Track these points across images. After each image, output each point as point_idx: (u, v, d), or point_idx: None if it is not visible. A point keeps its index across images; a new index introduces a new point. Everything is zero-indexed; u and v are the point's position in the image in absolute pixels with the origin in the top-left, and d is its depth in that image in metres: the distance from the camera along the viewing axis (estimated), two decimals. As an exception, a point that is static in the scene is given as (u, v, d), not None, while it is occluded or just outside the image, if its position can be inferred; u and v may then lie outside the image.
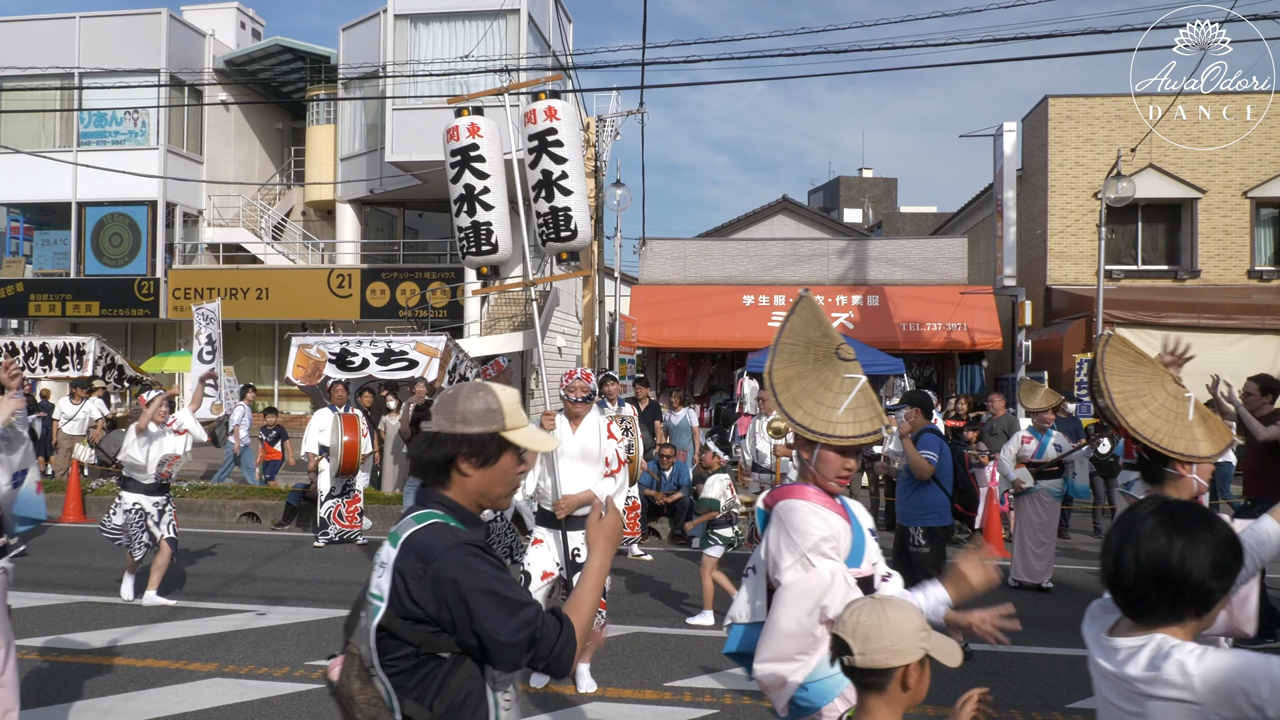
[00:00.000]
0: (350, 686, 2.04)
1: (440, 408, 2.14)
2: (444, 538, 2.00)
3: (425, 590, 1.95)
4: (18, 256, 22.92)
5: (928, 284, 20.07)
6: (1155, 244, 20.10)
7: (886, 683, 2.11)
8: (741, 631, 2.98)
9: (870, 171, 52.38)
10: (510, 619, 1.94)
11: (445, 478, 2.13)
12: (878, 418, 2.95)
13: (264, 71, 23.12)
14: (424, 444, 2.13)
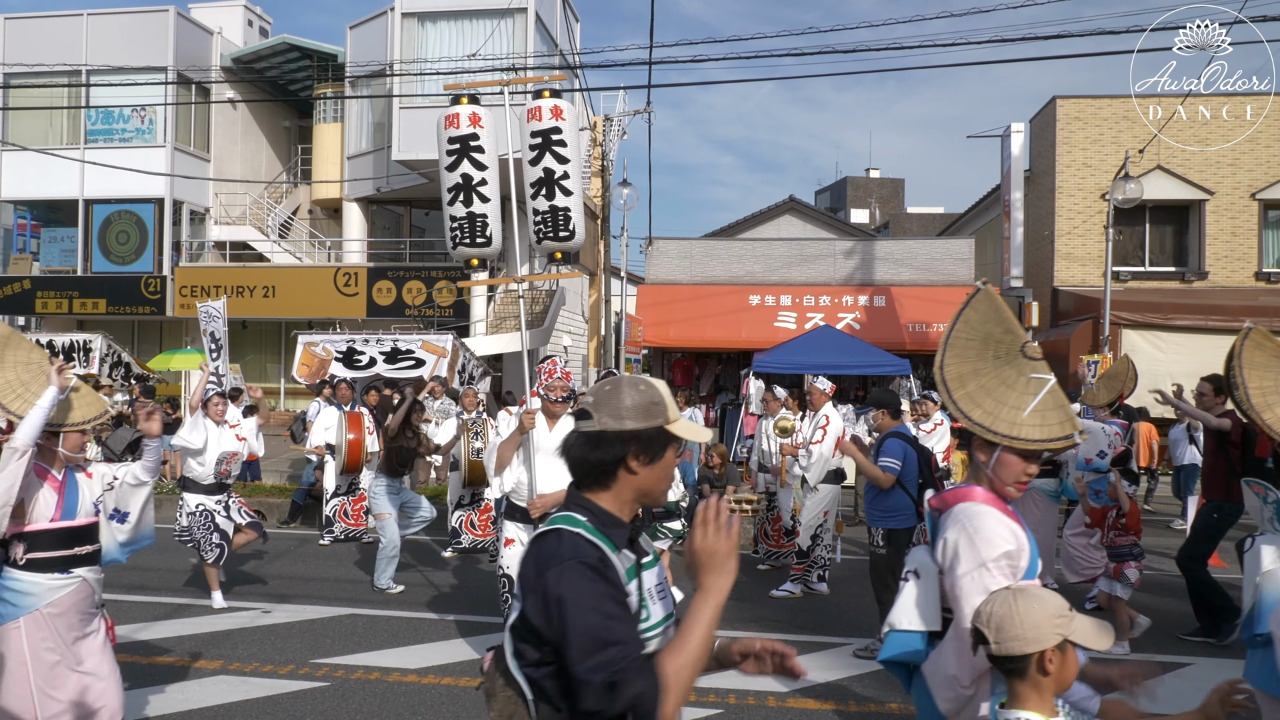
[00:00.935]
0: (493, 683, 2.01)
1: (601, 405, 2.03)
2: (564, 548, 1.91)
3: (534, 601, 1.90)
4: (25, 254, 22.97)
5: (934, 285, 20.03)
6: (1163, 245, 20.03)
7: (1026, 668, 2.22)
8: (904, 639, 2.82)
9: (877, 172, 52.32)
10: (593, 655, 1.80)
11: (610, 478, 2.03)
12: (1069, 422, 2.79)
13: (271, 70, 23.15)
14: (588, 445, 2.02)
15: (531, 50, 18.20)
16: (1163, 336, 16.96)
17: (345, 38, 20.97)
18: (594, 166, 23.76)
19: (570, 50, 20.93)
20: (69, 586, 4.02)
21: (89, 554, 4.15)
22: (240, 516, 7.83)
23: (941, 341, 3.03)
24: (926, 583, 2.81)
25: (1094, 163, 19.45)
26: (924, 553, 2.87)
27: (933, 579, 2.80)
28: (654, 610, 2.03)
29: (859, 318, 19.37)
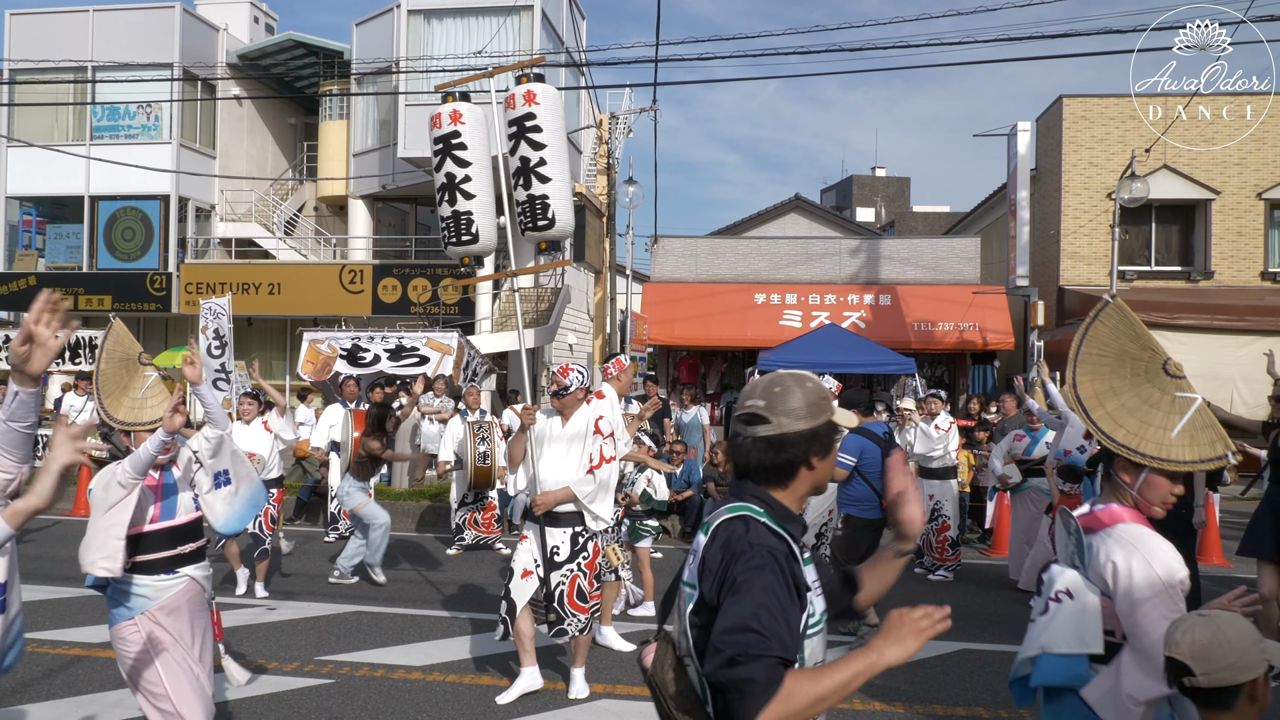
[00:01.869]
0: (664, 676, 2.01)
1: (776, 408, 2.03)
2: (751, 535, 1.93)
3: (716, 584, 1.92)
4: (30, 250, 23.02)
5: (940, 283, 20.00)
6: (1169, 245, 19.98)
7: (1234, 700, 2.08)
8: (1064, 663, 2.74)
9: (883, 171, 52.23)
10: (735, 632, 1.82)
11: (790, 477, 2.05)
12: (1221, 441, 2.75)
13: (277, 66, 23.17)
14: (769, 449, 2.02)
15: (537, 47, 18.18)
16: (1168, 336, 16.90)
17: (351, 34, 20.97)
18: (600, 164, 23.75)
19: (576, 48, 20.91)
20: (177, 586, 4.07)
21: (193, 552, 4.18)
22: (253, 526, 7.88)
23: (1070, 357, 2.98)
24: (1083, 604, 2.75)
25: (1100, 162, 19.40)
26: (1074, 573, 2.81)
27: (1089, 601, 2.74)
28: (817, 605, 2.05)
29: (864, 316, 19.36)
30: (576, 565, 5.43)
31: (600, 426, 5.56)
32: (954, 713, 5.48)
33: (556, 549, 5.42)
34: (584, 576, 5.44)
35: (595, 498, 5.45)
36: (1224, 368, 16.49)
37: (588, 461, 5.47)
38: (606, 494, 5.51)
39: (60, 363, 16.57)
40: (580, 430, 5.53)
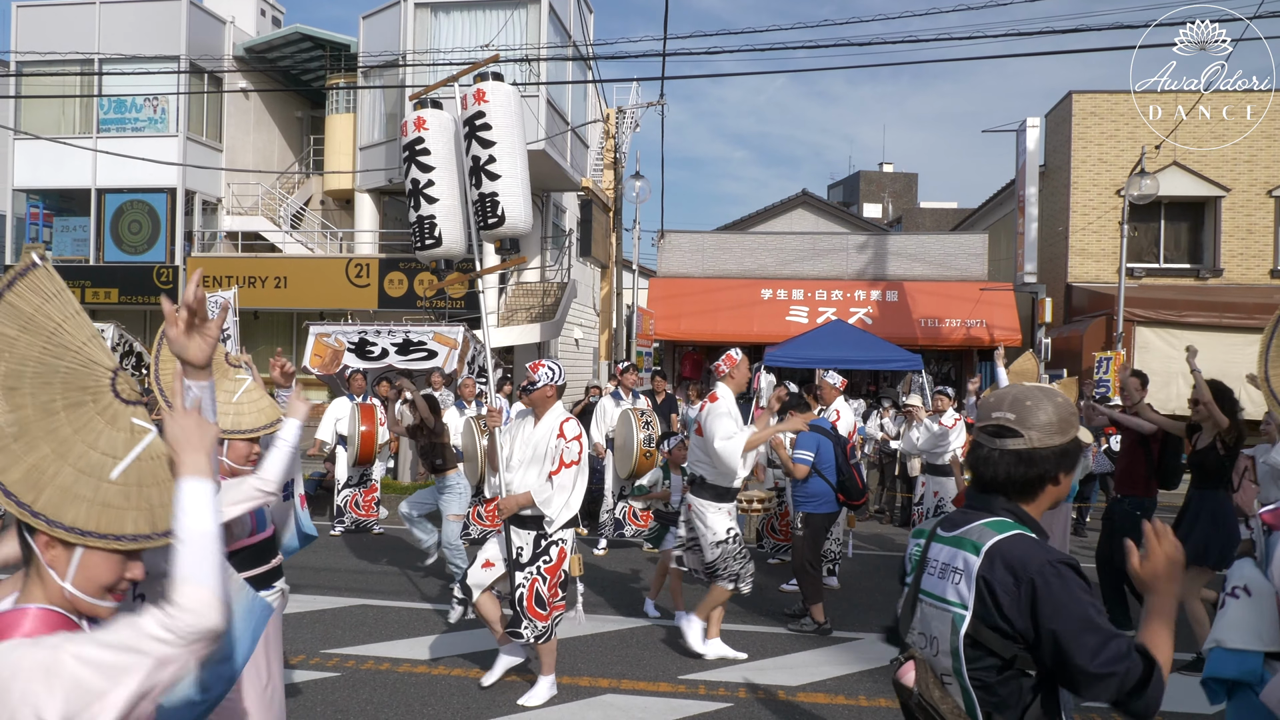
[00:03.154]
0: (931, 695, 2.01)
1: (1028, 422, 2.03)
2: (1035, 552, 1.94)
3: (1017, 606, 1.91)
4: (37, 243, 23.04)
5: (947, 280, 19.95)
6: (1178, 242, 19.90)
7: None
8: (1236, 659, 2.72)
9: (891, 166, 52.11)
10: (1102, 650, 1.86)
11: (1037, 492, 2.06)
12: None
13: (284, 59, 23.15)
14: (1020, 463, 2.03)
15: (545, 41, 18.14)
16: (1176, 334, 16.85)
17: (358, 28, 20.94)
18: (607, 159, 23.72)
19: (584, 41, 20.87)
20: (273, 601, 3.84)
21: (279, 565, 4.01)
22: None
23: (1260, 353, 2.91)
24: (1260, 601, 2.73)
25: (1109, 158, 19.32)
26: (1252, 568, 2.79)
27: (1268, 598, 2.71)
28: None
29: (871, 312, 19.32)
30: (536, 569, 5.29)
31: (565, 430, 5.36)
32: (961, 710, 5.45)
33: (521, 550, 5.33)
34: (543, 582, 5.28)
35: (552, 502, 5.28)
36: (1231, 366, 16.36)
37: (550, 465, 5.32)
38: (564, 498, 5.32)
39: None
40: (545, 433, 5.38)
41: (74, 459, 1.64)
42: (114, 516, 1.60)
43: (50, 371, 1.71)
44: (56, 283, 1.79)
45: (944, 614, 2.01)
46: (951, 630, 1.99)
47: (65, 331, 1.76)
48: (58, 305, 1.78)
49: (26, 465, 1.60)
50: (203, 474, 1.58)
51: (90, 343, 1.79)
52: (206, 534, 1.52)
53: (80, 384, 1.73)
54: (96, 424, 1.70)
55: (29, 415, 1.65)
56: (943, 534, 2.09)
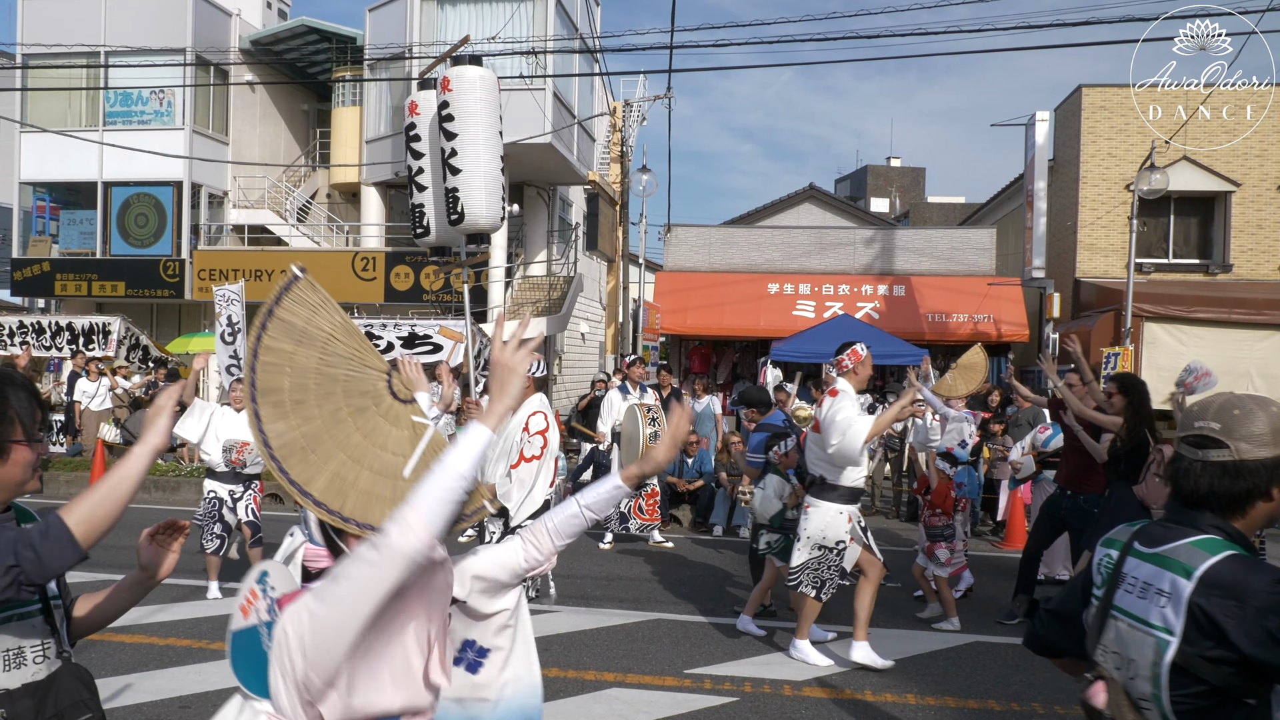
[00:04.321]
0: (1125, 717, 1.96)
1: (1235, 432, 1.93)
2: (1258, 573, 1.85)
3: (1244, 631, 1.81)
4: (44, 236, 23.07)
5: (955, 274, 19.88)
6: (1187, 237, 19.80)
7: None
8: None
9: (898, 161, 52.00)
10: None
11: (1247, 507, 1.96)
12: None
13: (290, 52, 23.13)
14: (1225, 476, 1.93)
15: (551, 34, 18.09)
16: (1185, 330, 16.76)
17: (364, 20, 20.92)
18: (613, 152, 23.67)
19: (590, 34, 20.81)
20: None
21: None
22: (246, 514, 7.52)
23: None
24: None
25: (1119, 153, 19.21)
26: None
27: None
28: None
29: (878, 307, 19.25)
30: None
31: (530, 424, 5.32)
32: (966, 705, 5.43)
33: (494, 535, 5.44)
34: None
35: (510, 496, 5.25)
36: (1240, 362, 16.33)
37: (511, 459, 5.30)
38: (524, 493, 5.27)
39: (75, 349, 16.60)
40: (515, 426, 5.35)
41: (369, 463, 1.72)
42: None
43: (330, 381, 1.78)
44: (320, 293, 1.85)
45: (1145, 638, 1.92)
46: (1155, 656, 1.90)
47: (337, 340, 1.83)
48: (325, 315, 1.84)
49: (328, 474, 1.70)
50: (489, 422, 1.67)
51: (362, 348, 1.85)
52: (456, 472, 1.58)
53: (361, 389, 1.80)
54: (382, 426, 1.77)
55: (319, 426, 1.73)
56: (1142, 549, 2.00)
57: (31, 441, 2.05)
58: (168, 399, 2.06)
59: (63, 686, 2.07)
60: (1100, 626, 2.04)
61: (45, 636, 2.06)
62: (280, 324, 1.79)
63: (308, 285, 1.83)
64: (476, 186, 6.05)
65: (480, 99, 6.08)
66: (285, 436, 1.72)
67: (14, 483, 2.04)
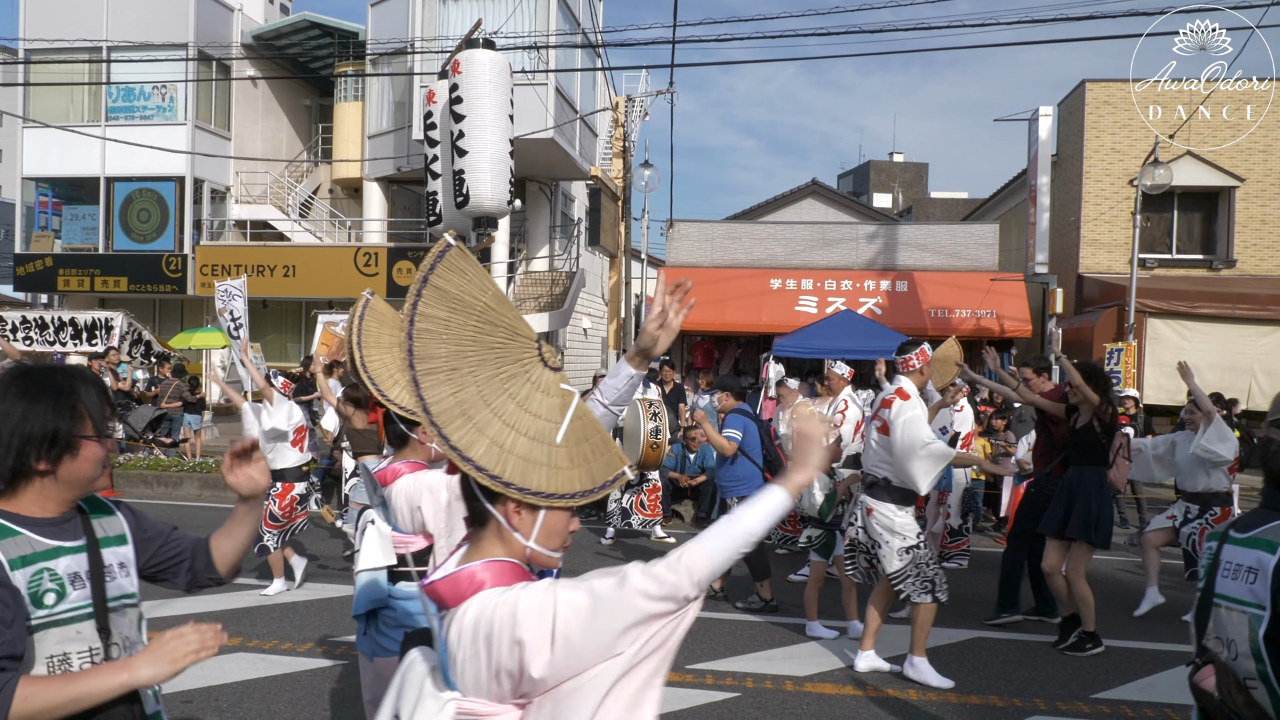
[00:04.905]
0: (1234, 700, 1.99)
1: None
2: None
3: None
4: (47, 231, 23.09)
5: (958, 270, 19.83)
6: (1191, 233, 19.76)
7: None
8: None
9: (901, 156, 51.89)
10: None
11: None
12: None
13: (292, 47, 23.12)
14: None
15: (553, 29, 18.06)
16: (1188, 325, 16.74)
17: (366, 15, 20.90)
18: (616, 147, 23.64)
19: (592, 29, 20.77)
20: None
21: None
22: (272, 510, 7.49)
23: None
24: None
25: (1122, 148, 19.16)
26: None
27: None
28: None
29: (881, 303, 19.22)
30: None
31: None
32: (968, 701, 5.43)
33: None
34: None
35: None
36: (1243, 358, 16.31)
37: None
38: None
39: (76, 343, 16.62)
40: None
41: (524, 428, 1.75)
42: (565, 478, 1.73)
43: (485, 349, 1.82)
44: (471, 261, 1.87)
45: (1240, 616, 1.99)
46: (1250, 632, 1.96)
47: (491, 308, 1.85)
48: (478, 283, 1.86)
49: (487, 440, 1.73)
50: (789, 489, 1.71)
51: (512, 316, 1.88)
52: (751, 532, 1.65)
53: (514, 357, 1.84)
54: (535, 394, 1.80)
55: (474, 393, 1.77)
56: (1236, 535, 2.05)
57: (101, 438, 2.04)
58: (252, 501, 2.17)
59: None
60: (1205, 615, 2.12)
61: (94, 642, 2.02)
62: (435, 292, 1.82)
63: (459, 254, 1.86)
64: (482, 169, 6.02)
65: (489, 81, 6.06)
66: (444, 403, 1.75)
67: (84, 479, 2.02)
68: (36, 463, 1.95)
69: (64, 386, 2.00)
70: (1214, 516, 7.09)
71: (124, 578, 2.12)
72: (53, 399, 1.97)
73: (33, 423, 1.94)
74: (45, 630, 1.92)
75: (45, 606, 1.91)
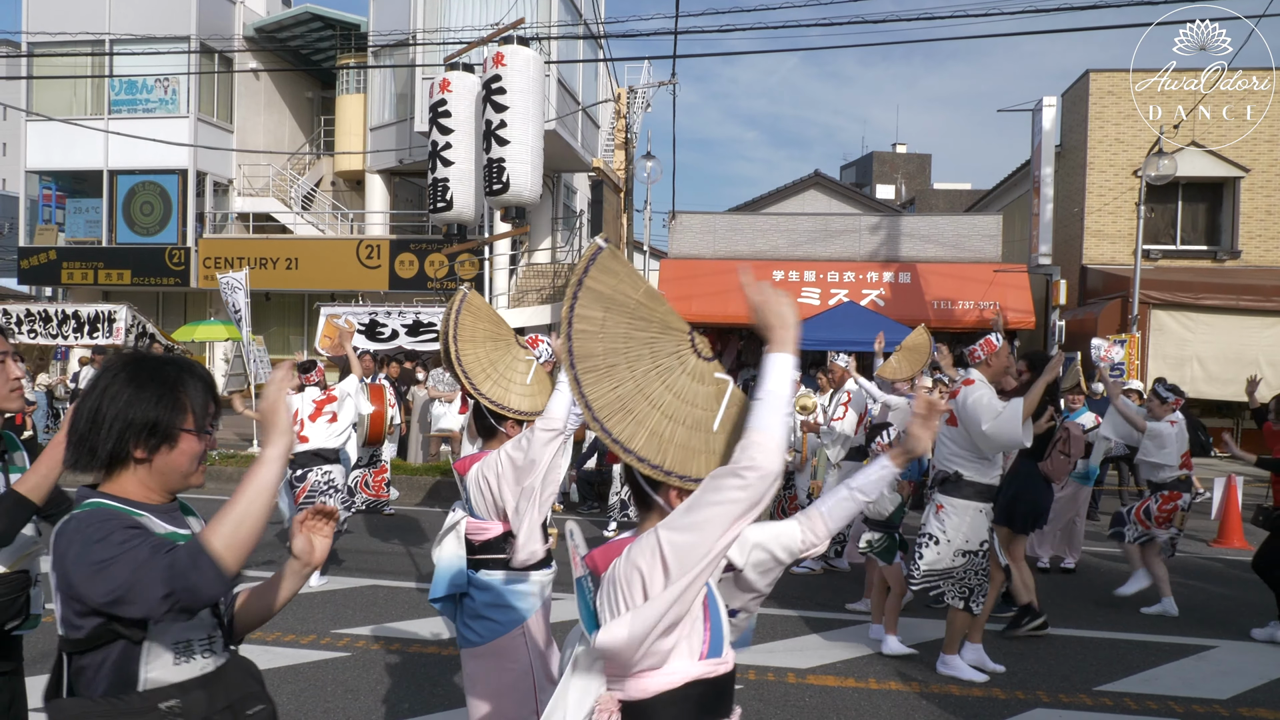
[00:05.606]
0: None
1: None
2: None
3: None
4: (50, 225, 23.11)
5: (961, 261, 19.78)
6: (1195, 224, 19.69)
7: None
8: None
9: (904, 147, 51.73)
10: None
11: None
12: None
13: (294, 39, 23.08)
14: None
15: (555, 19, 18.01)
16: (1192, 317, 16.70)
17: (368, 7, 20.86)
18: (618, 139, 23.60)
19: (595, 19, 20.71)
20: (553, 575, 3.72)
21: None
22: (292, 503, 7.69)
23: None
24: None
25: (1126, 138, 19.09)
26: None
27: None
28: None
29: (884, 294, 19.18)
30: None
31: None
32: (970, 694, 5.44)
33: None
34: None
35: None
36: (1248, 349, 16.27)
37: None
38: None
39: (80, 336, 16.64)
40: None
41: (682, 419, 1.86)
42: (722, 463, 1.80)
43: (639, 344, 1.92)
44: (622, 262, 1.97)
45: None
46: None
47: (643, 304, 1.95)
48: (629, 282, 1.96)
49: (647, 431, 1.83)
50: (787, 349, 1.79)
51: (665, 311, 1.97)
52: (779, 395, 1.74)
53: (668, 350, 1.93)
54: (689, 384, 1.90)
55: (632, 388, 1.87)
56: None
57: (201, 433, 2.05)
58: (278, 390, 1.97)
59: (231, 679, 2.04)
60: None
61: (212, 630, 2.03)
62: (590, 293, 1.92)
63: (611, 256, 1.96)
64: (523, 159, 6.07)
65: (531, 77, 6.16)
66: (605, 398, 1.84)
67: (180, 473, 2.03)
68: (135, 449, 1.96)
69: (171, 378, 2.01)
70: (1164, 496, 7.26)
71: None
72: (158, 389, 1.98)
73: (135, 410, 1.95)
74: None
75: None
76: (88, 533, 1.82)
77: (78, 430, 1.97)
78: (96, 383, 1.99)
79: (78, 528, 1.85)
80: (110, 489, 1.98)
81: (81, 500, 1.96)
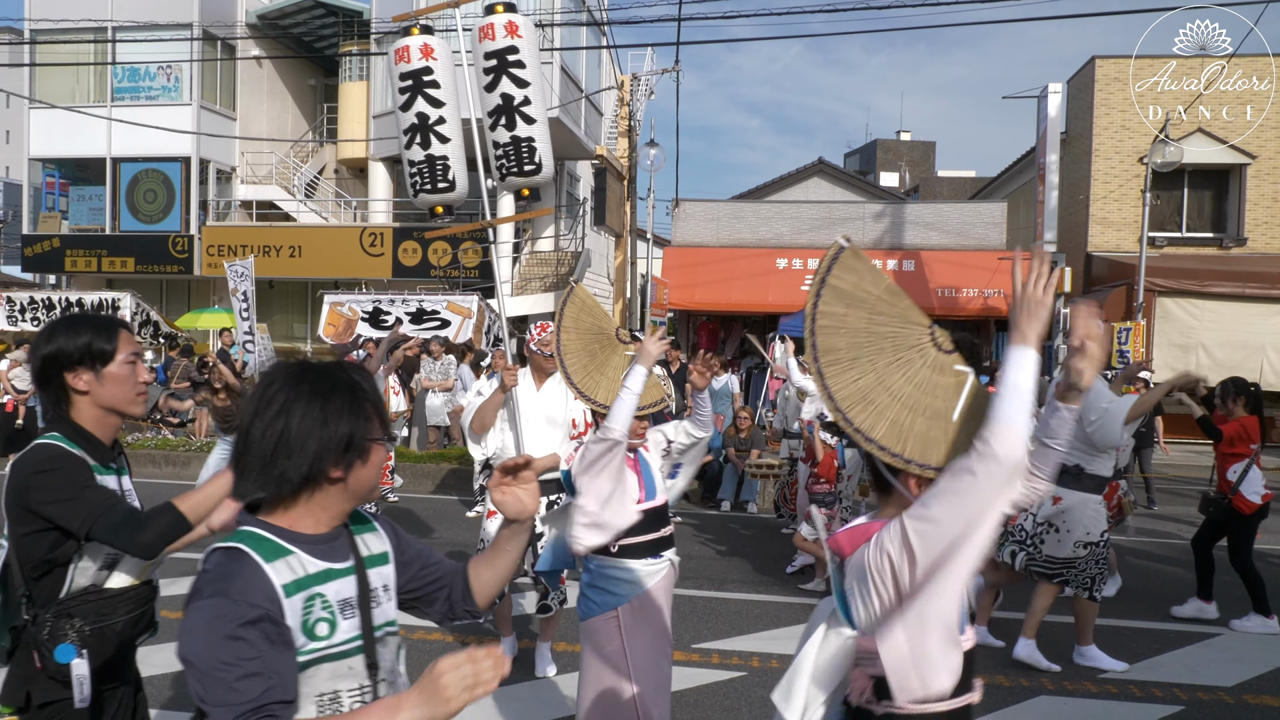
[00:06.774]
0: None
1: None
2: None
3: None
4: (54, 212, 23.11)
5: (965, 249, 19.74)
6: (1201, 211, 19.61)
7: None
8: None
9: (908, 135, 51.57)
10: None
11: None
12: None
13: (297, 26, 23.02)
14: None
15: (559, 6, 17.94)
16: (1198, 304, 16.65)
17: (371, -6, 20.81)
18: (621, 126, 23.52)
19: (598, 6, 20.63)
20: (661, 571, 3.77)
21: (670, 535, 3.87)
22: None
23: None
24: None
25: (1132, 125, 18.99)
26: None
27: None
28: None
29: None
30: None
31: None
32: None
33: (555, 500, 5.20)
34: None
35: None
36: (1254, 336, 16.23)
37: (570, 427, 5.17)
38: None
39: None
40: (559, 393, 5.19)
41: (921, 409, 1.92)
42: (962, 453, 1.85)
43: (880, 338, 1.98)
44: (863, 260, 2.04)
45: None
46: None
47: (883, 299, 2.01)
48: (870, 279, 2.02)
49: (888, 421, 1.90)
50: (1030, 344, 1.81)
51: (905, 306, 2.02)
52: (1022, 389, 1.78)
53: (909, 343, 1.98)
54: (929, 376, 1.95)
55: (873, 380, 1.94)
56: None
57: (388, 439, 1.83)
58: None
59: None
60: None
61: (364, 680, 1.77)
62: (832, 290, 2.00)
63: (852, 254, 2.03)
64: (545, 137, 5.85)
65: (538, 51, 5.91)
66: (846, 390, 1.93)
67: (369, 486, 1.79)
68: (333, 470, 1.70)
69: (353, 384, 1.76)
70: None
71: (387, 602, 1.88)
72: (347, 398, 1.73)
73: (333, 426, 1.70)
74: (317, 666, 1.68)
75: (317, 639, 1.68)
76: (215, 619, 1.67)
77: (261, 455, 1.68)
78: (270, 400, 1.70)
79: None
80: (277, 520, 1.73)
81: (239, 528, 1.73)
